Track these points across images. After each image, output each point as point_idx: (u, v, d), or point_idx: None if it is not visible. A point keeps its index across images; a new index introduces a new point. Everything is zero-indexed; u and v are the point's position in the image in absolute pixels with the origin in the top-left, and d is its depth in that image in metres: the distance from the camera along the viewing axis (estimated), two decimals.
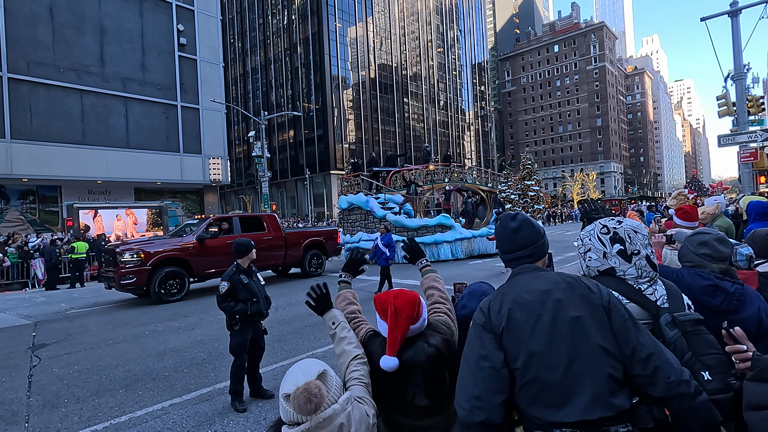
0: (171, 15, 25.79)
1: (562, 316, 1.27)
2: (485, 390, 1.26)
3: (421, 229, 15.27)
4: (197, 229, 10.47)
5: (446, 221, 15.37)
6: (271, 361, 5.10)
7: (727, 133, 13.33)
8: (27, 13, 20.91)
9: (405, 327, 1.42)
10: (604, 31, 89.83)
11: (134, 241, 10.64)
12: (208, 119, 27.20)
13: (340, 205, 18.00)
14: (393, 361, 1.37)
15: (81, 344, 6.49)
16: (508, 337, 1.29)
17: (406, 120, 62.97)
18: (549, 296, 1.31)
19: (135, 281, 9.15)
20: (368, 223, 16.22)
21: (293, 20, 56.75)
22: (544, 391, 1.23)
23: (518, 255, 1.50)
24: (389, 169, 19.78)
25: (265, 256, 11.09)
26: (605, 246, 1.54)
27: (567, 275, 1.40)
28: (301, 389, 1.17)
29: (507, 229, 1.52)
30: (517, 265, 1.49)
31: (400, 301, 1.44)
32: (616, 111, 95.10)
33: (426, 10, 68.38)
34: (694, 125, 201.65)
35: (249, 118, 56.31)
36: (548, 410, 1.22)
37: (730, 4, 12.29)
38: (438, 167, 19.57)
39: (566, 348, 1.24)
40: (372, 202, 16.33)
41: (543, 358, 1.24)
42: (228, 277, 4.10)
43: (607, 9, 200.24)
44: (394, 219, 15.38)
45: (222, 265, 10.17)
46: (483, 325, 1.35)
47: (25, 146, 20.54)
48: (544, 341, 1.25)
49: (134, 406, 4.16)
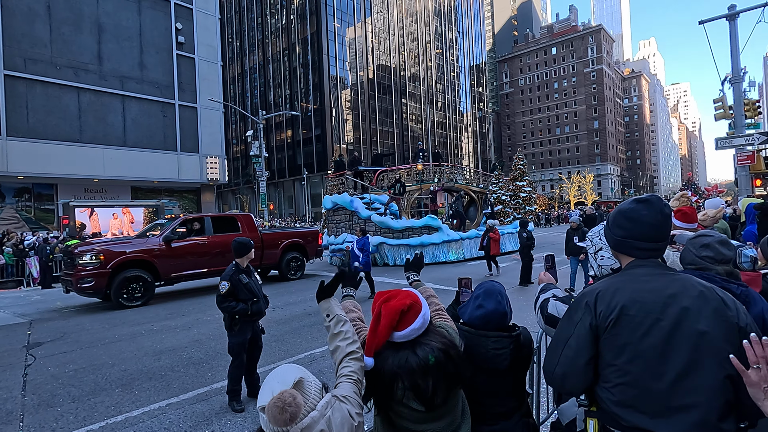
0: (169, 13, 25.70)
1: (687, 326, 1.17)
2: (568, 375, 1.32)
3: (407, 230, 14.75)
4: (164, 230, 9.88)
5: (433, 223, 14.85)
6: (268, 361, 5.07)
7: (723, 136, 13.41)
8: (24, 9, 20.78)
9: (385, 332, 1.43)
10: (602, 34, 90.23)
11: (98, 242, 9.98)
12: (206, 118, 27.11)
13: (325, 205, 17.44)
14: (368, 360, 1.43)
15: (77, 343, 6.44)
16: (613, 333, 1.22)
17: (404, 121, 63.01)
18: (675, 301, 1.20)
19: (93, 285, 8.58)
20: (353, 224, 15.71)
21: (292, 20, 56.69)
22: (641, 397, 1.18)
23: (656, 246, 1.32)
24: (375, 168, 19.14)
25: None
26: None
27: (700, 282, 1.26)
28: (275, 399, 1.12)
29: (659, 214, 1.31)
30: (645, 255, 1.32)
31: (390, 304, 1.44)
32: (613, 113, 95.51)
33: (425, 12, 68.48)
34: (690, 128, 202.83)
35: (247, 118, 56.19)
36: (641, 416, 1.18)
37: (728, 8, 12.36)
38: (427, 167, 19.17)
39: (682, 361, 1.15)
40: (356, 203, 15.81)
41: (649, 364, 1.18)
42: (228, 276, 4.07)
43: (605, 12, 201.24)
44: (379, 220, 14.90)
45: (193, 267, 9.91)
46: (582, 315, 1.29)
47: (21, 144, 20.41)
48: (656, 347, 1.18)
49: (130, 405, 4.12)
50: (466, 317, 1.82)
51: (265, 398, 1.15)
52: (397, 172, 18.43)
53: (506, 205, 23.01)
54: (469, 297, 2.26)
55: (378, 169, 19.14)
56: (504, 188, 23.72)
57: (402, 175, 18.06)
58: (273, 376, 1.21)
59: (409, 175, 18.58)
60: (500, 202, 22.66)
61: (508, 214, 22.14)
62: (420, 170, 18.82)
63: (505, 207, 22.89)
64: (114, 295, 8.78)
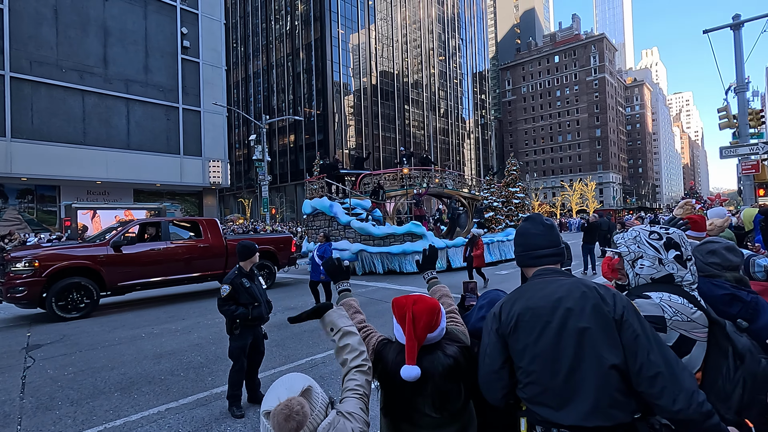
0: (175, 18, 25.91)
1: (570, 325, 1.30)
2: (489, 381, 1.42)
3: (388, 237, 13.94)
4: (113, 234, 9.07)
5: (416, 229, 13.98)
6: (269, 366, 5.02)
7: (726, 145, 13.39)
8: (32, 12, 20.97)
9: (423, 335, 1.36)
10: (604, 43, 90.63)
11: (38, 247, 9.24)
12: (209, 122, 27.23)
13: (304, 210, 16.72)
14: (414, 370, 1.30)
15: (76, 345, 6.40)
16: (514, 339, 1.37)
17: (407, 127, 63.18)
18: (560, 304, 1.33)
19: (26, 294, 7.84)
20: (332, 230, 14.98)
21: (296, 26, 57.09)
22: (544, 393, 1.31)
23: (546, 252, 1.51)
24: (357, 172, 18.23)
25: (200, 264, 9.93)
26: (660, 252, 1.51)
27: (584, 283, 1.38)
28: (281, 406, 1.08)
29: (541, 225, 1.55)
30: (541, 263, 1.51)
31: (419, 307, 1.37)
32: (616, 122, 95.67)
33: (428, 19, 68.92)
34: (692, 137, 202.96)
35: (250, 122, 56.40)
36: (548, 409, 1.31)
37: (733, 17, 12.39)
38: (414, 171, 18.41)
39: (569, 357, 1.29)
40: (336, 208, 14.99)
41: (546, 363, 1.31)
42: (230, 280, 4.04)
43: (607, 21, 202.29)
44: (359, 226, 14.07)
45: (146, 275, 9.13)
46: (491, 325, 1.44)
47: (25, 145, 20.50)
48: (548, 347, 1.31)
49: (129, 410, 4.08)
50: (469, 327, 1.78)
51: (270, 404, 1.11)
52: (381, 177, 17.70)
53: (498, 212, 21.99)
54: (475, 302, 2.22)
55: (360, 173, 18.12)
56: (496, 194, 22.75)
57: (386, 179, 17.25)
58: (280, 383, 1.17)
59: (395, 179, 17.86)
60: (492, 209, 21.69)
61: (500, 221, 21.48)
62: (406, 174, 18.01)
63: (497, 214, 21.90)
64: (48, 306, 8.03)
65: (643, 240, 1.54)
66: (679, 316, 1.40)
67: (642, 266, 1.53)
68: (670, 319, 1.39)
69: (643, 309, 1.41)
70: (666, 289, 1.46)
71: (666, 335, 1.38)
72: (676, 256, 1.49)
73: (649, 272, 1.51)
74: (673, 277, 1.49)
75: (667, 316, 1.40)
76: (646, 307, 1.42)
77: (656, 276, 1.50)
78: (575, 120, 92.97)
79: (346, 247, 13.72)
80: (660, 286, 1.48)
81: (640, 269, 1.53)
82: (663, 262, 1.50)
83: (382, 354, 1.48)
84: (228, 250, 10.39)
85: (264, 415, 1.11)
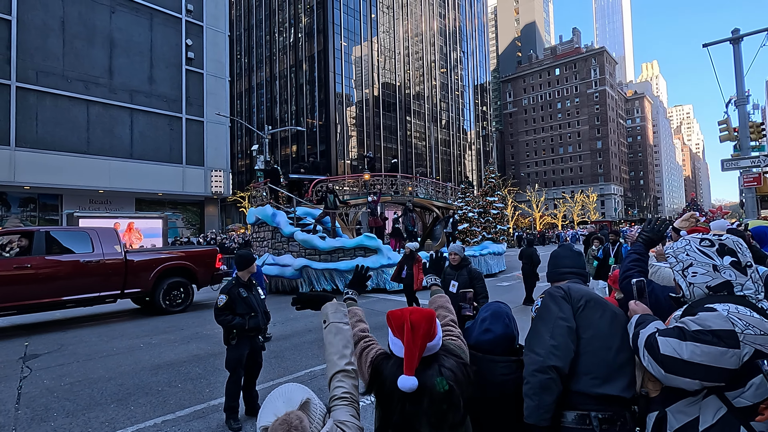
0: (180, 29, 26.28)
1: (620, 316, 1.63)
2: (562, 342, 1.55)
3: (336, 251, 12.15)
4: None
5: (369, 243, 12.24)
6: (267, 378, 4.96)
7: (728, 158, 13.41)
8: (39, 24, 21.30)
9: (422, 344, 1.32)
10: (605, 56, 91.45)
11: None
12: (212, 132, 27.44)
13: (249, 220, 15.10)
14: (411, 380, 1.26)
15: (74, 355, 6.35)
16: (582, 316, 1.61)
17: (408, 138, 63.50)
18: (608, 303, 1.68)
19: None
20: (276, 242, 13.15)
21: (299, 38, 57.81)
22: (598, 365, 1.54)
23: (570, 270, 1.91)
24: (311, 178, 16.44)
25: (86, 284, 8.30)
26: (713, 258, 1.43)
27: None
28: (279, 421, 1.04)
29: (570, 251, 2.00)
30: (566, 278, 1.87)
31: (417, 316, 1.35)
32: (616, 134, 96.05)
33: (430, 32, 69.73)
34: (693, 150, 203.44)
35: (253, 132, 56.79)
36: (595, 380, 1.52)
37: (732, 32, 12.50)
38: (378, 178, 16.68)
39: (619, 338, 1.57)
40: (279, 217, 13.13)
41: (604, 339, 1.57)
42: (227, 290, 4.02)
43: (608, 35, 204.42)
44: (303, 238, 12.14)
45: (10, 298, 7.52)
46: (564, 298, 1.65)
47: (29, 154, 20.65)
48: (607, 327, 1.58)
49: (125, 421, 4.02)
50: (472, 340, 1.75)
51: (267, 418, 1.07)
52: (340, 183, 16.09)
53: (473, 224, 19.67)
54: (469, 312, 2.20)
55: (315, 178, 16.44)
56: (472, 204, 20.47)
57: (347, 186, 15.70)
58: (277, 395, 1.14)
59: (356, 187, 16.33)
60: (467, 220, 19.55)
61: (476, 233, 19.37)
62: (367, 180, 16.15)
63: (472, 225, 19.60)
64: None
65: (694, 248, 1.47)
66: (752, 329, 1.26)
67: (695, 274, 1.43)
68: (741, 333, 1.25)
69: (709, 323, 1.28)
70: (729, 301, 1.34)
71: (739, 350, 1.24)
72: (732, 262, 1.40)
73: (704, 280, 1.42)
74: (732, 285, 1.38)
75: (738, 330, 1.25)
76: (712, 321, 1.28)
77: (712, 284, 1.40)
78: (576, 132, 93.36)
79: (288, 263, 11.93)
80: (723, 298, 1.37)
81: (693, 277, 1.44)
82: (718, 269, 1.40)
83: (381, 368, 1.44)
84: (128, 267, 8.81)
85: (261, 430, 1.08)
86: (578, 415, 1.51)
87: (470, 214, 19.76)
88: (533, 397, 1.49)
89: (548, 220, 62.60)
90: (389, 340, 1.43)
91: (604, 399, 1.49)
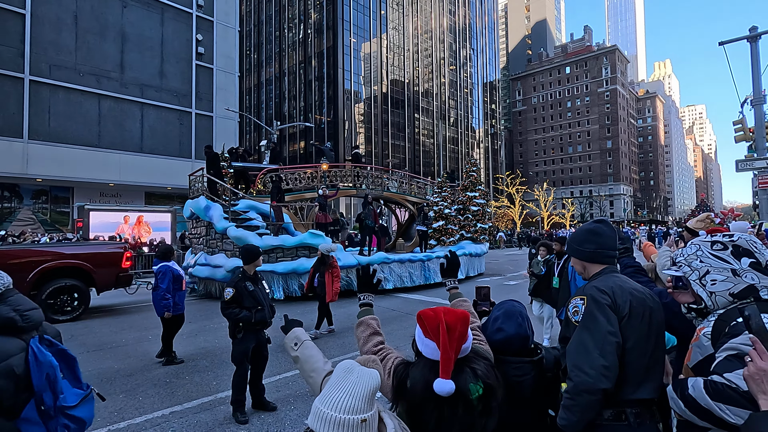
0: (191, 25, 26.40)
1: (656, 316, 1.55)
2: (613, 362, 1.45)
3: (275, 250, 10.59)
4: None
5: (314, 241, 10.75)
6: (273, 372, 4.98)
7: (742, 158, 13.17)
8: (53, 18, 21.51)
9: (458, 346, 1.26)
10: (616, 55, 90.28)
11: None
12: (221, 127, 27.57)
13: (184, 213, 13.60)
14: (449, 384, 1.20)
15: (83, 346, 6.42)
16: (626, 324, 1.50)
17: (416, 135, 63.34)
18: (646, 302, 1.54)
19: None
20: (210, 238, 11.59)
21: (309, 34, 57.82)
22: (635, 372, 1.48)
23: (614, 254, 1.72)
24: (259, 166, 14.86)
25: None
26: (730, 262, 1.34)
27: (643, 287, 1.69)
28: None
29: (611, 230, 1.74)
30: (611, 261, 1.71)
31: (452, 317, 1.28)
32: (627, 134, 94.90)
33: (439, 29, 69.36)
34: (705, 150, 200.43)
35: (261, 128, 57.05)
36: (630, 387, 1.48)
37: (749, 29, 12.24)
38: (339, 168, 14.92)
39: (654, 340, 1.52)
40: (213, 211, 11.38)
41: (641, 344, 1.49)
42: (234, 283, 4.04)
43: (620, 33, 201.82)
44: (236, 235, 10.42)
45: None
46: (610, 306, 1.52)
47: (42, 147, 20.91)
48: (645, 331, 1.50)
49: (134, 412, 4.06)
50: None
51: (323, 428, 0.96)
52: (296, 173, 14.46)
53: (450, 221, 17.69)
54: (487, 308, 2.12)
55: (264, 167, 14.75)
56: (449, 199, 18.42)
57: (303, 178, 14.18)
58: (340, 399, 0.98)
59: (314, 178, 14.60)
60: (443, 217, 17.64)
61: (453, 232, 17.43)
62: (325, 171, 14.26)
63: (449, 223, 17.61)
64: None
65: (707, 253, 1.38)
66: None
67: (714, 281, 1.34)
68: None
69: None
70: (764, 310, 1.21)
71: None
72: (751, 263, 1.31)
73: (725, 287, 1.32)
74: (757, 289, 1.28)
75: None
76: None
77: (735, 290, 1.31)
78: (586, 131, 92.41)
79: (221, 263, 10.45)
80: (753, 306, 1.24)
81: (713, 285, 1.35)
82: (738, 273, 1.31)
83: (406, 374, 1.36)
84: None
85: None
86: (615, 412, 1.49)
87: (446, 210, 17.76)
88: (576, 413, 1.45)
89: (556, 219, 62.09)
90: (418, 341, 1.36)
91: (637, 402, 1.49)
